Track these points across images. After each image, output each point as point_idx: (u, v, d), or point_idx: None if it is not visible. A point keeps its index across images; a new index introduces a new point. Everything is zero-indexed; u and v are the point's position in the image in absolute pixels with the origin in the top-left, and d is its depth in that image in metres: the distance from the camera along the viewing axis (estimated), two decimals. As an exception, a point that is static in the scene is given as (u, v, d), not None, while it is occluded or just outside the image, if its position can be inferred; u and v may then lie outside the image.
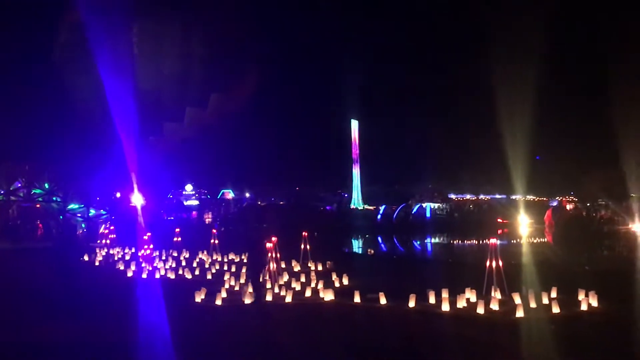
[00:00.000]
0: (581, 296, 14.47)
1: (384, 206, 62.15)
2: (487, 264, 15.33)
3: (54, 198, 43.05)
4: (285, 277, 19.00)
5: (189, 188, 69.02)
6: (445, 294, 14.48)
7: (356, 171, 74.47)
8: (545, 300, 14.39)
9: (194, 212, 56.88)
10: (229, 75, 34.87)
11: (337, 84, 68.86)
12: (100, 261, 25.53)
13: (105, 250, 28.66)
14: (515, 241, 38.26)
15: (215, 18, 33.62)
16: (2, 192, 41.62)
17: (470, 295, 14.85)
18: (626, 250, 32.77)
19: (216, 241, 26.00)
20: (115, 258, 26.19)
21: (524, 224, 45.05)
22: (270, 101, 64.29)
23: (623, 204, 49.42)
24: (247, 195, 77.35)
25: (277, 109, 69.83)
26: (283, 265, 21.17)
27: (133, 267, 22.14)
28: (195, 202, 66.16)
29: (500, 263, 15.35)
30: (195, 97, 34.01)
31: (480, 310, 13.66)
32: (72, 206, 42.71)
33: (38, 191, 43.26)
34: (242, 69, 35.77)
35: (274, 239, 18.79)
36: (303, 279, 18.85)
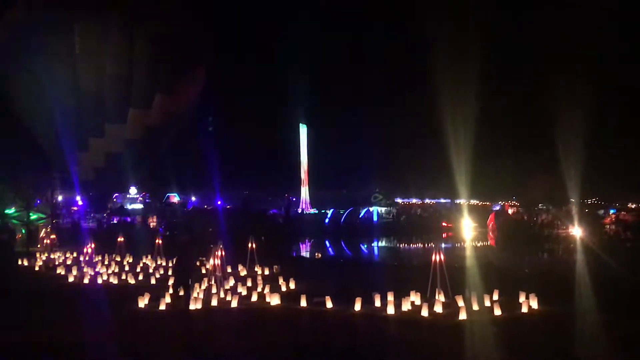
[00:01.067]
0: (522, 298, 14.82)
1: (331, 210, 62.33)
2: (432, 267, 15.55)
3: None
4: (232, 282, 18.85)
5: (132, 191, 67.63)
6: (390, 297, 14.61)
7: (304, 175, 74.48)
8: (487, 303, 14.67)
9: (138, 216, 55.80)
10: (175, 76, 34.35)
11: (286, 88, 68.88)
12: (40, 266, 24.79)
13: (46, 254, 27.89)
14: (459, 244, 38.89)
15: (159, 18, 33.09)
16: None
17: (415, 298, 15.03)
18: (565, 253, 33.69)
19: (161, 246, 25.61)
20: (56, 263, 25.47)
21: (467, 228, 45.85)
22: (217, 104, 63.80)
23: (563, 209, 50.86)
24: (193, 198, 76.37)
25: (225, 111, 69.39)
26: (229, 270, 20.96)
27: (75, 272, 21.57)
28: (139, 206, 64.93)
29: (445, 266, 15.59)
30: (140, 98, 33.38)
31: (425, 313, 13.84)
32: (11, 210, 41.38)
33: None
34: (189, 70, 35.30)
35: (220, 243, 18.59)
36: (249, 283, 18.74)
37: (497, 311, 13.97)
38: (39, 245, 33.53)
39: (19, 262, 25.27)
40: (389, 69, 70.86)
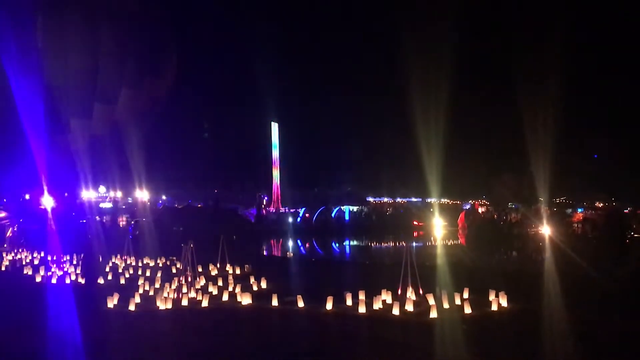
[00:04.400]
0: (492, 296, 14.96)
1: (303, 209, 62.34)
2: (403, 265, 15.62)
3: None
4: (202, 281, 18.72)
5: (102, 190, 66.83)
6: (362, 296, 14.66)
7: (276, 174, 74.35)
8: (458, 301, 14.79)
9: (105, 216, 55.11)
10: (142, 72, 33.89)
11: (257, 86, 68.53)
12: (6, 266, 24.34)
13: (12, 254, 27.39)
14: (429, 243, 39.15)
15: (127, 11, 32.62)
16: None
17: (386, 296, 15.08)
18: (534, 252, 34.06)
19: (130, 246, 25.37)
20: (23, 263, 25.03)
21: (438, 227, 46.15)
22: (188, 100, 63.27)
23: (532, 208, 51.46)
24: (164, 197, 75.81)
25: (196, 109, 68.87)
26: (200, 269, 20.81)
27: (42, 272, 21.21)
28: (109, 205, 64.20)
29: (416, 264, 15.68)
30: (107, 94, 32.90)
31: (396, 311, 13.89)
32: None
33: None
34: (157, 65, 34.90)
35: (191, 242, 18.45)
36: (220, 282, 18.64)
37: (468, 309, 14.09)
38: (5, 245, 32.94)
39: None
40: (360, 65, 71.06)
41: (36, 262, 25.10)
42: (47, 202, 36.68)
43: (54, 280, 20.07)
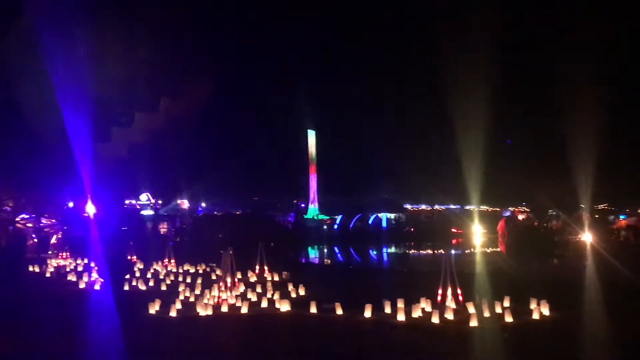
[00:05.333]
0: (533, 305, 14.76)
1: (340, 216, 62.31)
2: (442, 273, 15.52)
3: (3, 208, 41.94)
4: (241, 288, 18.87)
5: (143, 198, 67.95)
6: (400, 304, 14.59)
7: (313, 181, 74.50)
8: (498, 309, 14.63)
9: (148, 223, 55.98)
10: (182, 81, 34.42)
11: (295, 93, 68.84)
12: (51, 272, 24.90)
13: (57, 261, 28.01)
14: (469, 251, 38.76)
15: (167, 22, 33.19)
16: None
17: (425, 304, 14.99)
18: (576, 259, 33.48)
19: (171, 252, 25.74)
20: (67, 269, 25.57)
21: (477, 234, 45.69)
22: (227, 109, 63.91)
23: (573, 215, 50.56)
24: (203, 205, 76.62)
25: (234, 117, 69.44)
26: (239, 276, 20.99)
27: (85, 278, 21.66)
28: (150, 212, 65.20)
29: (455, 272, 15.57)
30: (148, 103, 33.51)
31: (435, 319, 13.80)
32: (22, 216, 41.66)
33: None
34: (197, 73, 35.42)
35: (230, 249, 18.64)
36: (259, 289, 18.76)
37: (508, 318, 13.92)
38: (49, 252, 33.69)
39: (30, 269, 25.43)
40: (399, 73, 70.65)
41: (80, 268, 25.61)
42: (90, 209, 37.44)
43: (97, 287, 20.45)
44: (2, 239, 36.86)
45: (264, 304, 16.43)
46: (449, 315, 14.16)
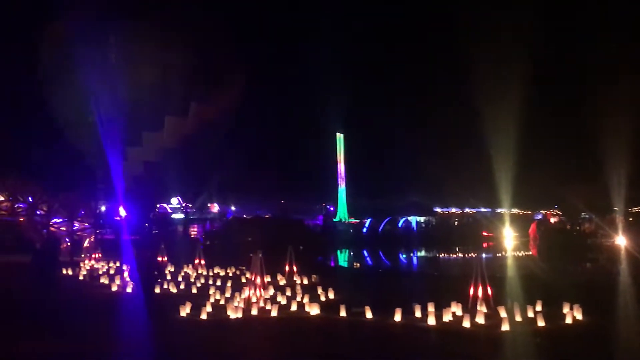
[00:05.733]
0: (566, 309, 14.55)
1: (369, 219, 62.13)
2: (473, 277, 15.39)
3: (38, 212, 42.70)
4: (271, 291, 18.93)
5: (174, 201, 68.60)
6: (431, 308, 14.48)
7: (342, 184, 74.50)
8: (530, 314, 14.46)
9: (179, 226, 56.55)
10: (212, 86, 34.69)
11: (323, 97, 68.91)
12: (84, 275, 25.27)
13: (90, 264, 28.40)
14: (500, 254, 38.40)
15: (195, 27, 33.52)
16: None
17: (456, 308, 14.87)
18: (610, 263, 32.99)
19: (202, 255, 25.92)
20: (100, 272, 25.92)
21: (508, 238, 45.27)
22: (256, 113, 64.22)
23: (606, 218, 49.82)
24: (233, 208, 77.13)
25: (263, 120, 69.77)
26: (268, 279, 21.05)
27: (118, 281, 21.93)
28: (181, 216, 65.82)
29: (486, 276, 15.42)
30: (179, 108, 33.83)
31: (466, 323, 13.68)
32: (55, 220, 42.37)
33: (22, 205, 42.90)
34: (226, 79, 35.67)
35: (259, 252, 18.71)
36: (289, 292, 18.79)
37: (541, 322, 13.75)
38: (82, 255, 34.18)
39: (64, 272, 25.83)
40: (427, 75, 70.27)
41: (112, 271, 25.94)
42: (122, 213, 37.93)
43: (129, 289, 20.69)
44: (36, 242, 37.54)
45: (294, 307, 16.47)
46: (480, 319, 14.01)
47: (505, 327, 13.28)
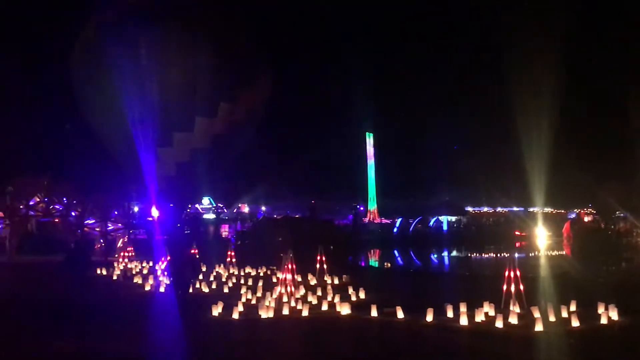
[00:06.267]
0: (601, 309, 14.32)
1: (400, 219, 61.91)
2: (506, 277, 15.24)
3: (72, 213, 43.45)
4: (302, 291, 18.99)
5: (205, 202, 69.27)
6: (463, 308, 14.37)
7: (371, 184, 74.34)
8: (564, 314, 14.27)
9: (210, 226, 57.04)
10: (242, 86, 34.84)
11: (353, 97, 68.98)
12: (118, 275, 25.66)
13: (123, 264, 28.81)
14: (533, 254, 37.95)
15: (224, 27, 33.72)
16: (21, 207, 42.06)
17: (489, 309, 14.74)
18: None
19: (233, 255, 26.11)
20: (133, 272, 26.29)
21: (542, 237, 44.70)
22: (285, 113, 64.54)
23: (642, 216, 48.90)
24: (263, 208, 77.55)
25: (293, 120, 70.12)
26: (299, 279, 21.11)
27: (151, 281, 22.21)
28: (212, 216, 66.42)
29: (519, 276, 15.25)
30: (209, 108, 34.07)
31: (499, 324, 13.55)
32: (89, 221, 43.06)
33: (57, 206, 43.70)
34: (256, 79, 35.82)
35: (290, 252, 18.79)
36: (319, 292, 18.82)
37: (575, 322, 13.55)
38: (116, 255, 34.68)
39: (98, 271, 26.25)
40: (458, 74, 69.81)
41: (145, 271, 26.28)
42: (155, 214, 38.31)
43: (162, 289, 20.94)
44: (71, 242, 38.22)
45: (325, 307, 16.49)
46: (513, 320, 13.86)
47: (538, 327, 13.12)
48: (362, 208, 75.45)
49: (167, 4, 32.56)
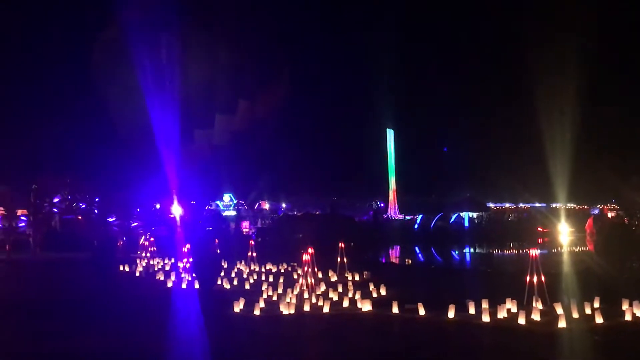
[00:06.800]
0: (625, 306, 14.18)
1: (420, 215, 61.54)
2: (528, 273, 15.13)
3: (95, 210, 43.93)
4: (323, 287, 19.01)
5: (226, 199, 69.59)
6: (485, 305, 14.31)
7: (392, 180, 74.10)
8: (587, 311, 14.13)
9: (231, 223, 57.24)
10: (261, 84, 34.99)
11: (373, 93, 68.73)
12: (140, 271, 25.88)
13: (146, 260, 29.04)
14: (556, 250, 37.60)
15: (245, 24, 33.85)
16: (45, 204, 42.59)
17: (511, 305, 14.64)
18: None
19: (254, 252, 26.20)
20: (156, 268, 26.51)
21: (564, 233, 44.24)
22: (306, 109, 64.49)
23: (667, 212, 48.20)
24: (284, 205, 77.72)
25: (313, 117, 70.02)
26: (320, 276, 21.14)
27: (173, 278, 22.38)
28: (233, 213, 66.70)
29: (541, 272, 15.13)
30: (229, 106, 34.26)
31: (522, 320, 13.46)
32: (112, 218, 43.50)
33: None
34: (275, 76, 35.93)
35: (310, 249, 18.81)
36: (340, 289, 18.83)
37: (599, 319, 13.43)
38: (138, 252, 34.98)
39: (120, 268, 26.52)
40: (479, 68, 69.31)
41: (167, 268, 26.48)
42: (176, 210, 38.64)
43: (183, 285, 21.10)
44: (94, 239, 38.60)
45: (346, 303, 16.50)
46: (536, 317, 13.76)
47: (562, 324, 13.02)
48: (382, 204, 75.26)
49: (191, 6, 32.59)
